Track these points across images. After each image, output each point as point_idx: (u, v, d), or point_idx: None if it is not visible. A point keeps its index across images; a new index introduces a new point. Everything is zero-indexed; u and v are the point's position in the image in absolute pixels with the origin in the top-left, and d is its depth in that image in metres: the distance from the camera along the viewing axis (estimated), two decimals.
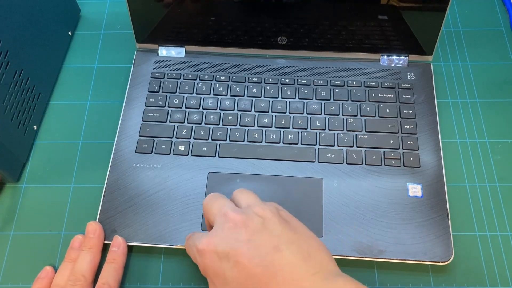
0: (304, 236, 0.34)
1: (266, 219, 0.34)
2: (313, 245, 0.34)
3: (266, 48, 0.55)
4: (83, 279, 0.40)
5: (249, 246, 0.32)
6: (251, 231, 0.33)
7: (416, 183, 0.46)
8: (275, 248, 0.32)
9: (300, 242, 0.33)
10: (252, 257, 0.32)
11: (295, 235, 0.34)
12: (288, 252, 0.32)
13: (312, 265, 0.32)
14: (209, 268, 0.33)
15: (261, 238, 0.33)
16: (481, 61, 0.56)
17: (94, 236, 0.43)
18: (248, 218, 0.34)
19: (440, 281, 0.43)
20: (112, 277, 0.41)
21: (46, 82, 0.54)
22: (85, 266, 0.41)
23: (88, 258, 0.42)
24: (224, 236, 0.33)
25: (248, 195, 0.37)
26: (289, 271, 0.31)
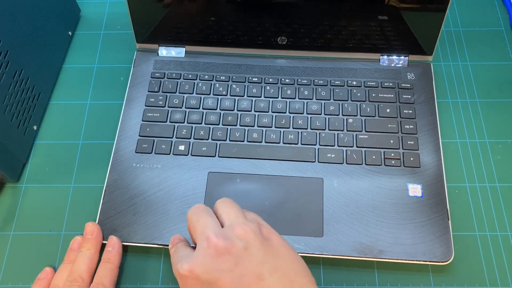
0: (286, 260, 0.34)
1: (248, 243, 0.34)
2: (295, 269, 0.34)
3: (266, 48, 0.55)
4: (80, 280, 0.40)
5: (233, 276, 0.32)
6: (234, 259, 0.33)
7: (416, 183, 0.46)
8: (258, 277, 0.32)
9: (283, 268, 0.33)
10: (235, 287, 0.32)
11: (278, 261, 0.34)
12: (271, 281, 0.32)
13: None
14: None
15: (244, 266, 0.33)
16: (481, 61, 0.56)
17: (92, 237, 0.43)
18: (231, 244, 0.33)
19: (440, 281, 0.43)
20: (106, 277, 0.41)
21: (46, 82, 0.54)
22: (83, 267, 0.41)
23: (86, 259, 0.42)
24: (206, 264, 0.33)
25: (230, 210, 0.37)
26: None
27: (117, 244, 0.43)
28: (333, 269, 0.44)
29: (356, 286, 0.43)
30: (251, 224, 0.35)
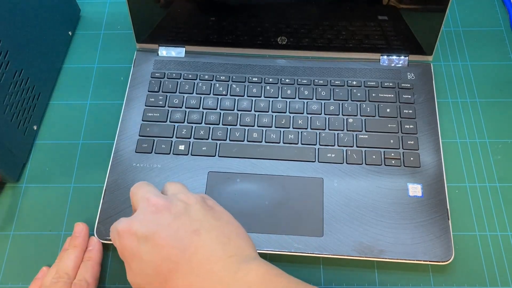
0: (227, 223, 0.35)
1: (189, 205, 0.34)
2: (234, 231, 0.34)
3: (266, 48, 0.55)
4: (66, 277, 0.40)
5: (169, 229, 0.32)
6: (173, 215, 0.33)
7: (416, 183, 0.46)
8: (194, 231, 0.32)
9: (222, 229, 0.34)
10: (170, 239, 0.32)
11: (217, 222, 0.34)
12: (207, 236, 0.32)
13: (229, 249, 0.32)
14: (126, 250, 0.33)
15: (181, 221, 0.33)
16: (481, 61, 0.56)
17: (80, 235, 0.44)
18: (171, 203, 0.34)
19: (440, 281, 0.43)
20: (88, 273, 0.41)
21: (46, 82, 0.54)
22: (69, 263, 0.42)
23: (72, 256, 0.42)
24: (144, 220, 0.33)
25: (176, 185, 0.37)
26: (204, 253, 0.32)
27: (98, 244, 0.44)
28: (333, 269, 0.44)
29: (356, 286, 0.43)
30: (195, 194, 0.35)
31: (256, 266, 0.32)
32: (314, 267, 0.44)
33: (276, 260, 0.45)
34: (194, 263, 0.32)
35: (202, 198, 0.36)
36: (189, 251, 0.32)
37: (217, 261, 0.32)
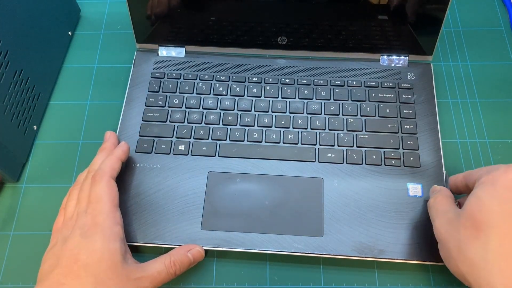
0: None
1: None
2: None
3: (266, 48, 0.55)
4: (93, 172, 0.43)
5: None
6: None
7: (416, 183, 0.46)
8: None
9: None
10: None
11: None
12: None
13: None
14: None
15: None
16: (481, 61, 0.56)
17: (108, 141, 0.47)
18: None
19: (440, 281, 0.43)
20: (106, 163, 0.43)
21: (46, 82, 0.54)
22: (98, 162, 0.44)
23: (100, 156, 0.45)
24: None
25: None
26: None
27: (124, 144, 0.46)
28: (333, 269, 0.44)
29: (356, 286, 0.43)
30: None
31: None
32: (314, 267, 0.44)
33: (276, 260, 0.45)
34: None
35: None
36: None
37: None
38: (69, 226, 0.40)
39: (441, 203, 0.40)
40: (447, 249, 0.36)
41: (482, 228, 0.34)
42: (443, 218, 0.38)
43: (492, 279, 0.32)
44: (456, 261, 0.35)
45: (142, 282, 0.38)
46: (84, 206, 0.40)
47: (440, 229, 0.38)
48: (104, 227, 0.39)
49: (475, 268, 0.33)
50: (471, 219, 0.34)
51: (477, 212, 0.34)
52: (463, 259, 0.34)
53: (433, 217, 0.39)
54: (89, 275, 0.36)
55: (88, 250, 0.37)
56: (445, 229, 0.37)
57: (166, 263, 0.40)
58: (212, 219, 0.45)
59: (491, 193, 0.35)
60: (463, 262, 0.34)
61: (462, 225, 0.35)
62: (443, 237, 0.37)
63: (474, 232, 0.34)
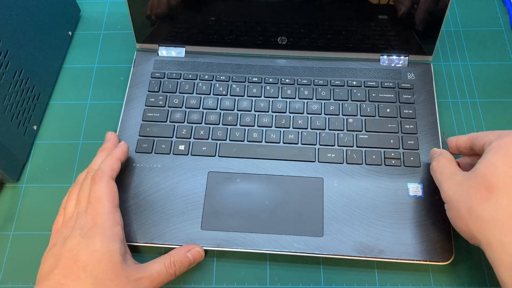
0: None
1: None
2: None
3: (266, 48, 0.55)
4: (93, 171, 0.43)
5: None
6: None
7: (416, 183, 0.46)
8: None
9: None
10: None
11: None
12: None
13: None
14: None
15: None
16: (481, 61, 0.56)
17: (109, 141, 0.47)
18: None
19: (440, 281, 0.43)
20: (105, 163, 0.43)
21: (46, 82, 0.54)
22: (98, 162, 0.44)
23: (100, 155, 0.45)
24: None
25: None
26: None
27: (123, 144, 0.47)
28: (333, 269, 0.44)
29: (356, 286, 0.43)
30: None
31: None
32: (314, 267, 0.44)
33: (276, 260, 0.45)
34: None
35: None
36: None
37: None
38: (68, 226, 0.40)
39: (446, 166, 0.41)
40: (457, 210, 0.38)
41: (494, 190, 0.35)
42: (451, 180, 0.39)
43: (503, 236, 0.34)
44: (466, 221, 0.36)
45: (142, 283, 0.38)
46: (84, 207, 0.40)
47: (448, 191, 0.39)
48: (104, 227, 0.39)
49: (486, 227, 0.35)
50: (483, 182, 0.36)
51: (490, 175, 0.36)
52: (474, 219, 0.36)
53: (439, 179, 0.41)
54: (88, 276, 0.36)
55: (88, 250, 0.37)
56: (453, 191, 0.38)
57: (166, 263, 0.40)
58: (212, 219, 0.45)
59: (504, 158, 0.36)
60: (474, 222, 0.36)
61: (474, 187, 0.36)
62: (452, 199, 0.38)
63: (486, 194, 0.35)
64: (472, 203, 0.36)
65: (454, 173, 0.39)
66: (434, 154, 0.44)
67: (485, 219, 0.35)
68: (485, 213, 0.35)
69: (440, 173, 0.41)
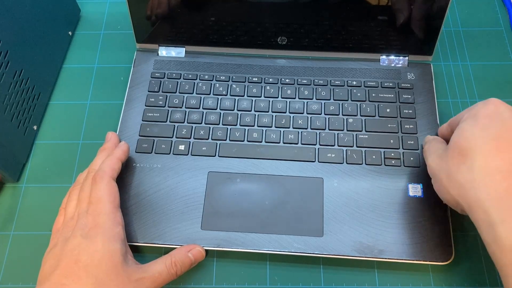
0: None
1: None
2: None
3: (266, 48, 0.55)
4: (94, 172, 0.43)
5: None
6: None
7: (416, 183, 0.46)
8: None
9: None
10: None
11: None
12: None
13: None
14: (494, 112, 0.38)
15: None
16: (481, 61, 0.56)
17: (109, 141, 0.47)
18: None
19: (440, 281, 0.43)
20: (106, 163, 0.43)
21: (46, 82, 0.54)
22: (98, 162, 0.44)
23: (100, 155, 0.45)
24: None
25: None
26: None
27: (124, 144, 0.47)
28: (333, 269, 0.44)
29: (356, 286, 0.43)
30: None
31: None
32: (314, 267, 0.44)
33: (276, 260, 0.45)
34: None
35: None
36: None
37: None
38: (69, 226, 0.40)
39: (434, 146, 0.43)
40: (439, 180, 0.39)
41: (467, 153, 0.37)
42: (434, 155, 0.41)
43: (479, 194, 0.35)
44: (447, 188, 0.38)
45: (143, 283, 0.38)
46: (85, 207, 0.40)
47: (431, 165, 0.41)
48: (105, 228, 0.39)
49: (464, 189, 0.36)
50: (457, 149, 0.38)
51: (461, 141, 0.38)
52: (453, 185, 0.37)
53: (426, 157, 0.43)
54: (89, 276, 0.36)
55: (89, 251, 0.37)
56: (435, 163, 0.41)
57: (167, 263, 0.40)
58: (212, 219, 0.45)
59: (473, 124, 0.38)
60: (453, 187, 0.37)
61: (450, 156, 0.38)
62: (435, 171, 0.40)
63: (460, 159, 0.37)
64: (450, 170, 0.38)
65: (438, 149, 0.42)
66: (427, 139, 0.46)
67: (462, 182, 0.36)
68: (461, 176, 0.37)
69: (428, 152, 0.43)
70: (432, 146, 0.43)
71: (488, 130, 0.37)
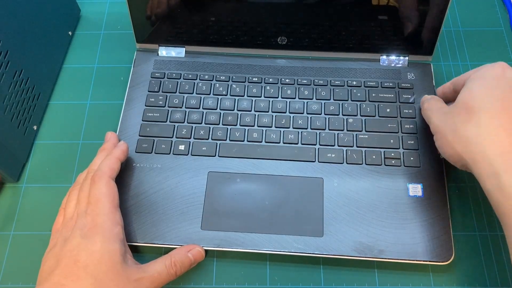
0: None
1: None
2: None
3: (266, 48, 0.55)
4: (93, 172, 0.43)
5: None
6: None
7: (416, 183, 0.46)
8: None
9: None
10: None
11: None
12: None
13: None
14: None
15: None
16: (481, 61, 0.56)
17: (109, 141, 0.47)
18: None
19: (440, 281, 0.43)
20: (105, 163, 0.43)
21: (46, 82, 0.54)
22: (97, 162, 0.44)
23: (100, 155, 0.45)
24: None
25: None
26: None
27: (123, 144, 0.46)
28: (333, 269, 0.44)
29: (356, 286, 0.43)
30: None
31: None
32: (314, 267, 0.44)
33: (276, 260, 0.45)
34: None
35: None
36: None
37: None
38: (69, 226, 0.40)
39: (435, 104, 0.45)
40: (444, 136, 0.41)
41: (474, 111, 0.39)
42: (439, 112, 0.43)
43: (485, 149, 0.37)
44: (452, 143, 0.40)
45: (142, 283, 0.38)
46: (84, 207, 0.40)
47: (436, 122, 0.43)
48: (104, 228, 0.39)
49: (470, 144, 0.38)
50: (465, 106, 0.40)
51: (470, 99, 0.40)
52: (458, 140, 0.39)
53: (429, 115, 0.44)
54: (89, 276, 0.36)
55: (88, 251, 0.37)
56: (440, 120, 0.42)
57: (167, 263, 0.40)
58: (212, 219, 0.45)
59: (481, 83, 0.40)
60: (459, 142, 0.39)
61: (457, 113, 0.40)
62: (439, 128, 0.42)
63: (467, 116, 0.39)
64: (456, 126, 0.40)
65: (441, 107, 0.44)
66: (425, 98, 0.47)
67: (469, 137, 0.39)
68: (468, 132, 0.39)
69: (430, 110, 0.44)
70: (434, 104, 0.45)
71: (495, 91, 0.39)
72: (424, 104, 0.46)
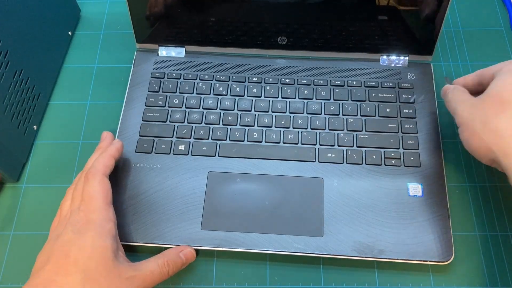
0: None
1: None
2: None
3: (266, 48, 0.55)
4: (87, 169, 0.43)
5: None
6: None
7: (416, 183, 0.46)
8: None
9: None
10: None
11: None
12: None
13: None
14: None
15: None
16: (481, 61, 0.56)
17: (105, 140, 0.47)
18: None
19: (440, 281, 0.43)
20: (99, 160, 0.43)
21: (46, 82, 0.54)
22: (93, 160, 0.44)
23: (95, 155, 0.46)
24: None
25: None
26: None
27: (117, 142, 0.46)
28: (333, 269, 0.44)
29: (356, 286, 0.43)
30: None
31: None
32: (314, 267, 0.44)
33: (276, 260, 0.45)
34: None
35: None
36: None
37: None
38: (63, 224, 0.40)
39: (461, 95, 0.44)
40: (471, 128, 0.40)
41: (508, 103, 0.38)
42: (466, 103, 0.42)
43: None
44: (481, 135, 0.39)
45: (134, 281, 0.38)
46: (78, 204, 0.40)
47: (462, 113, 0.42)
48: (96, 224, 0.39)
49: (501, 137, 0.38)
50: (497, 98, 0.39)
51: (503, 91, 0.39)
52: (489, 131, 0.39)
53: (454, 106, 0.43)
54: (79, 271, 0.36)
55: (78, 246, 0.37)
56: (468, 111, 0.41)
57: (159, 263, 0.40)
58: (212, 219, 0.45)
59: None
60: (489, 134, 0.39)
61: (488, 104, 0.40)
62: (467, 119, 0.41)
63: (500, 108, 0.39)
64: (487, 117, 0.39)
65: (468, 98, 0.43)
66: (448, 89, 0.46)
67: (501, 129, 0.38)
68: (500, 124, 0.38)
69: (454, 101, 0.44)
70: (460, 95, 0.44)
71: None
72: (448, 95, 0.45)
